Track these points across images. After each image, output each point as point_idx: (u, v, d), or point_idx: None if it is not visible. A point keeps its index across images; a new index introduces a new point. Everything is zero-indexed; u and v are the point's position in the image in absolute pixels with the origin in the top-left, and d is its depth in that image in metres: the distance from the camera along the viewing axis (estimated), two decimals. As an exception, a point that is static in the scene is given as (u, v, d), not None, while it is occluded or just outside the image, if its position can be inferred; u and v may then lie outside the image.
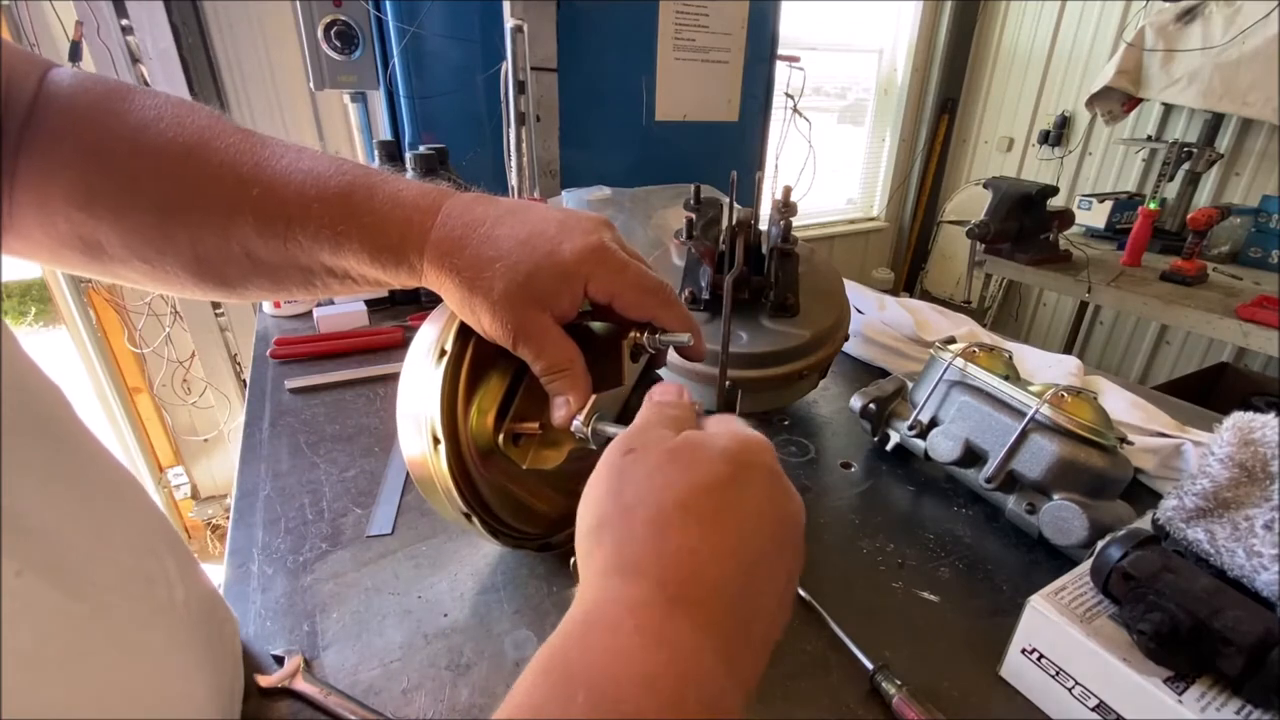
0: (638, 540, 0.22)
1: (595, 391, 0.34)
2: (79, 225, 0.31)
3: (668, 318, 0.36)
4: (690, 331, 0.36)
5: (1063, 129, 2.63)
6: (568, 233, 0.33)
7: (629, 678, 0.18)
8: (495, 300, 0.32)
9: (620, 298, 0.34)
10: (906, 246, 3.28)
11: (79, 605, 0.23)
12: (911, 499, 0.58)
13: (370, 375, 0.75)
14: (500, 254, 0.32)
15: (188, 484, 1.97)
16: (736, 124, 1.55)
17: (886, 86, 3.02)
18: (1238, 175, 2.21)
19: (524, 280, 0.32)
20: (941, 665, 0.41)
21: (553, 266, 0.32)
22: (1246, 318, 1.51)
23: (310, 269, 0.34)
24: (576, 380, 0.34)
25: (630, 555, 0.22)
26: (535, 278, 0.32)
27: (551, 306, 0.33)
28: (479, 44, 1.20)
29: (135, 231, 0.32)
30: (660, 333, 0.36)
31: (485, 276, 0.32)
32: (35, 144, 0.30)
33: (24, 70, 0.30)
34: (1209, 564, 0.35)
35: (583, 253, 0.32)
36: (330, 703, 0.37)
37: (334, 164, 0.33)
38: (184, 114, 0.32)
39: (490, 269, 0.32)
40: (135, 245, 0.32)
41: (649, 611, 0.20)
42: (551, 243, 0.32)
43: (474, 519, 0.38)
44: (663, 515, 0.22)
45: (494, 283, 0.32)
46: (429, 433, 0.36)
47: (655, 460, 0.25)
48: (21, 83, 0.30)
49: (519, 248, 0.32)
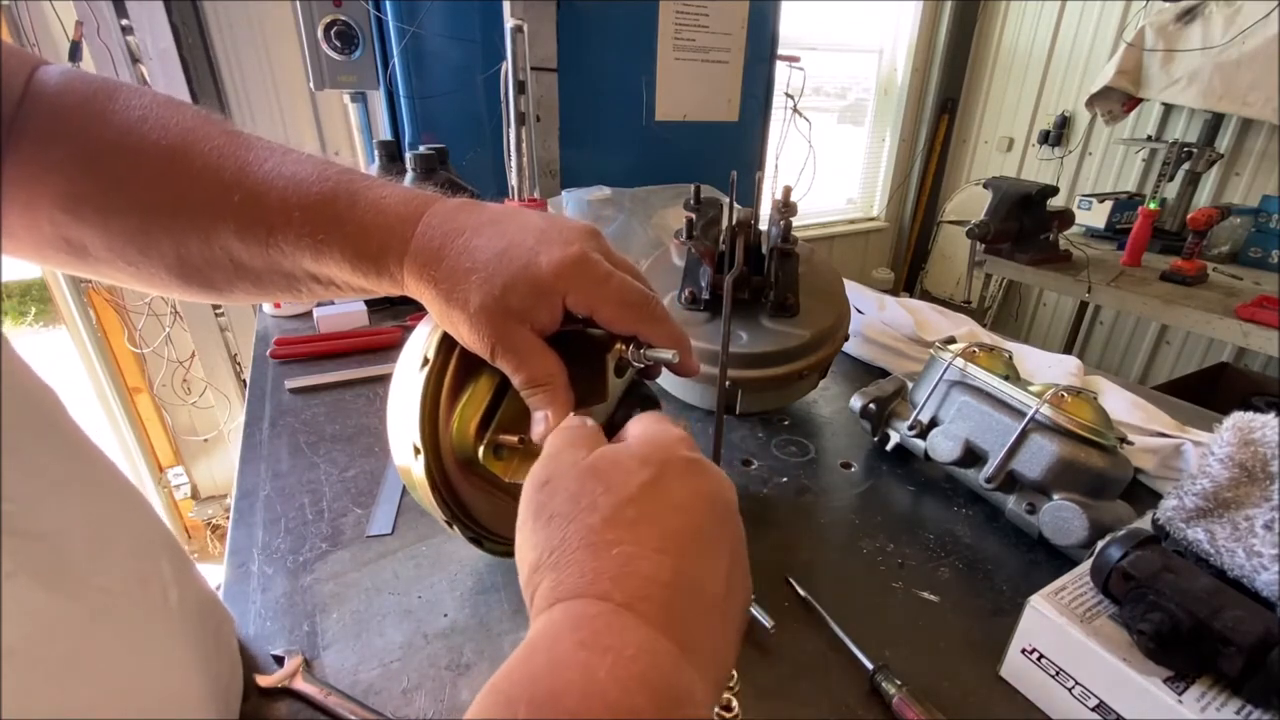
0: (575, 567, 0.22)
1: (578, 406, 0.33)
2: (63, 228, 0.31)
3: (652, 333, 0.34)
4: (677, 347, 0.35)
5: (1063, 129, 2.63)
6: (546, 244, 0.32)
7: (571, 686, 0.18)
8: (472, 314, 0.31)
9: (600, 312, 0.32)
10: (906, 246, 3.28)
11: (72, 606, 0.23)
12: (911, 499, 0.58)
13: (370, 375, 0.75)
14: (476, 266, 0.31)
15: (188, 484, 1.97)
16: (736, 124, 1.55)
17: (886, 86, 3.02)
18: (1238, 175, 2.21)
19: (500, 294, 0.31)
20: (941, 665, 0.41)
21: (529, 280, 0.31)
22: (1246, 318, 1.51)
23: (294, 275, 0.34)
24: (556, 395, 0.33)
25: (570, 584, 0.22)
26: (511, 291, 0.31)
27: (530, 320, 0.32)
28: (479, 44, 1.20)
29: (119, 235, 0.32)
30: (646, 347, 0.35)
31: (461, 289, 0.31)
32: (21, 146, 0.30)
33: (12, 68, 0.30)
34: (1209, 564, 0.35)
35: (560, 265, 0.31)
36: (330, 703, 0.37)
37: (319, 169, 0.32)
38: (169, 116, 0.32)
39: (466, 281, 0.31)
40: (119, 248, 0.32)
41: (591, 623, 0.20)
42: (529, 254, 0.31)
43: (455, 527, 0.38)
44: (595, 537, 0.23)
45: (470, 295, 0.31)
46: (410, 442, 0.35)
47: (574, 485, 0.25)
48: (10, 80, 0.30)
49: (495, 260, 0.31)
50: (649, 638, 0.20)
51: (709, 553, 0.24)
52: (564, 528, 0.23)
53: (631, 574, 0.21)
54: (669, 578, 0.22)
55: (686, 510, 0.24)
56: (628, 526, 0.23)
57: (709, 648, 0.22)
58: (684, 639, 0.21)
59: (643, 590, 0.21)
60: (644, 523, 0.23)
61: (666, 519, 0.24)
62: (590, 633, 0.20)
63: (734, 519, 0.26)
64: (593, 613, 0.20)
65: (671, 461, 0.26)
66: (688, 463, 0.26)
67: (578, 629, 0.20)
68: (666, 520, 0.23)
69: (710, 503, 0.25)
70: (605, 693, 0.18)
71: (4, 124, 0.30)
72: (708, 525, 0.24)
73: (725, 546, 0.25)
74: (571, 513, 0.24)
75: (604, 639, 0.19)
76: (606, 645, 0.19)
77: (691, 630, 0.21)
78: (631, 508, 0.23)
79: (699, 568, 0.23)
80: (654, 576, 0.22)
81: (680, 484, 0.25)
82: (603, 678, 0.18)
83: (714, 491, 0.26)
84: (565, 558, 0.22)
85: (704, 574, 0.23)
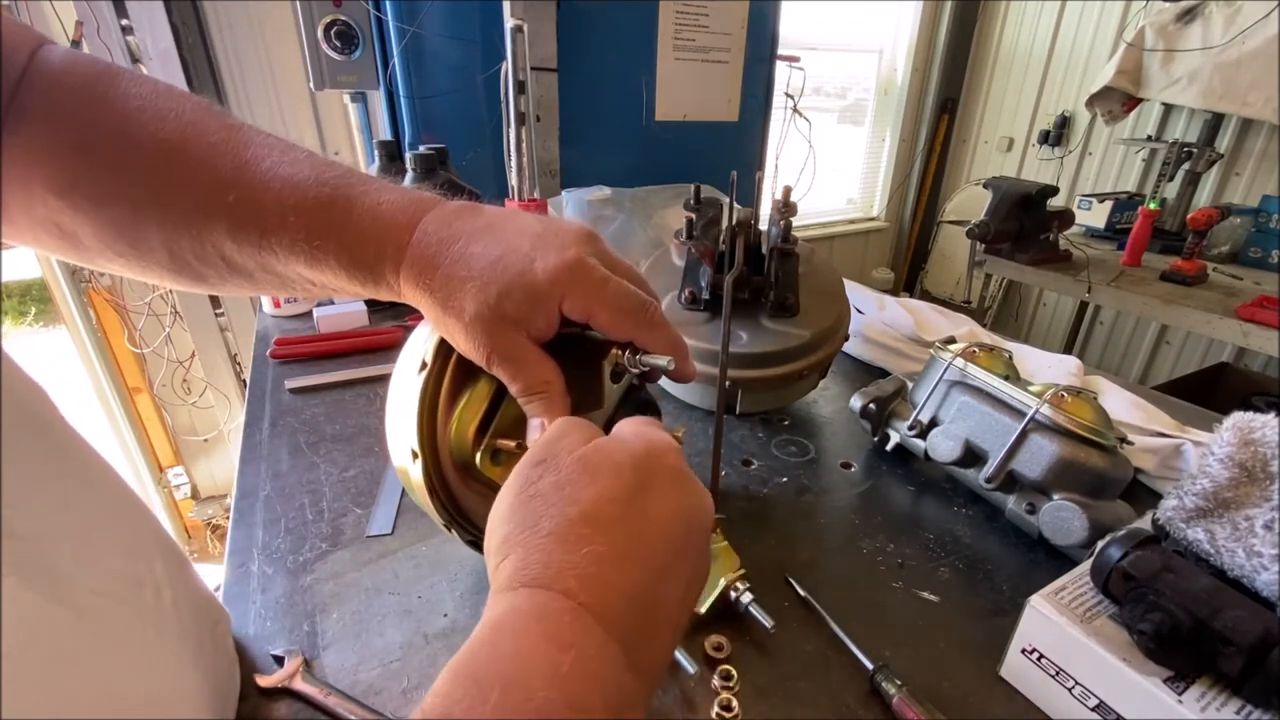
0: (543, 553, 0.22)
1: (575, 412, 0.33)
2: (56, 213, 0.31)
3: (649, 339, 0.34)
4: (674, 354, 0.34)
5: (1063, 129, 2.63)
6: (543, 249, 0.31)
7: (538, 678, 0.19)
8: (468, 322, 0.31)
9: (597, 318, 0.32)
10: (906, 246, 3.28)
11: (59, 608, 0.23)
12: (911, 499, 0.58)
13: (370, 375, 0.75)
14: (472, 274, 0.31)
15: (188, 484, 1.97)
16: (736, 124, 1.55)
17: (886, 86, 3.02)
18: (1238, 175, 2.21)
19: (495, 302, 0.30)
20: (941, 665, 0.41)
21: (524, 286, 0.31)
22: (1246, 318, 1.51)
23: (287, 278, 0.33)
24: (553, 402, 0.32)
25: (536, 570, 0.22)
26: (507, 298, 0.30)
27: (526, 326, 0.31)
28: (479, 44, 1.20)
29: (110, 225, 0.31)
30: (642, 353, 0.34)
31: (457, 297, 0.31)
32: (20, 125, 0.29)
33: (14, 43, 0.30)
34: (1209, 564, 0.35)
35: (556, 271, 0.31)
36: (330, 703, 0.37)
37: (316, 170, 0.32)
38: (168, 106, 0.31)
39: (462, 289, 0.31)
40: (109, 239, 0.32)
41: (556, 618, 0.21)
42: (524, 261, 0.31)
43: (454, 530, 0.38)
44: (569, 529, 0.23)
45: (465, 304, 0.31)
46: (408, 446, 0.35)
47: (566, 471, 0.25)
48: (11, 56, 0.29)
49: (490, 267, 0.31)
50: (605, 641, 0.21)
51: (671, 571, 0.24)
52: (542, 510, 0.24)
53: (595, 577, 0.22)
54: (630, 589, 0.22)
55: (663, 523, 0.25)
56: (602, 526, 0.23)
57: (649, 661, 0.23)
58: (631, 649, 0.21)
59: (603, 595, 0.22)
60: (618, 526, 0.23)
61: (641, 527, 0.24)
62: (555, 626, 0.20)
63: (704, 540, 0.27)
64: (556, 607, 0.21)
65: (662, 471, 0.26)
66: (676, 474, 0.27)
67: (543, 620, 0.21)
68: (641, 529, 0.24)
69: (686, 520, 0.26)
70: (568, 686, 0.19)
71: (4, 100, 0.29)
72: (678, 542, 0.25)
73: (688, 567, 0.25)
74: (553, 498, 0.24)
75: (566, 635, 0.20)
76: (569, 641, 0.20)
77: (639, 642, 0.22)
78: (611, 508, 0.24)
79: (658, 584, 0.23)
80: (616, 584, 0.22)
81: (663, 495, 0.25)
82: (566, 672, 0.19)
83: (692, 509, 0.26)
84: (536, 541, 0.23)
85: (662, 591, 0.24)
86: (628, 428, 0.29)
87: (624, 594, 0.22)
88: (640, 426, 0.29)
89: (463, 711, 0.18)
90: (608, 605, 0.22)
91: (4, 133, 0.29)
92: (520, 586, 0.22)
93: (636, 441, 0.27)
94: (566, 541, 0.23)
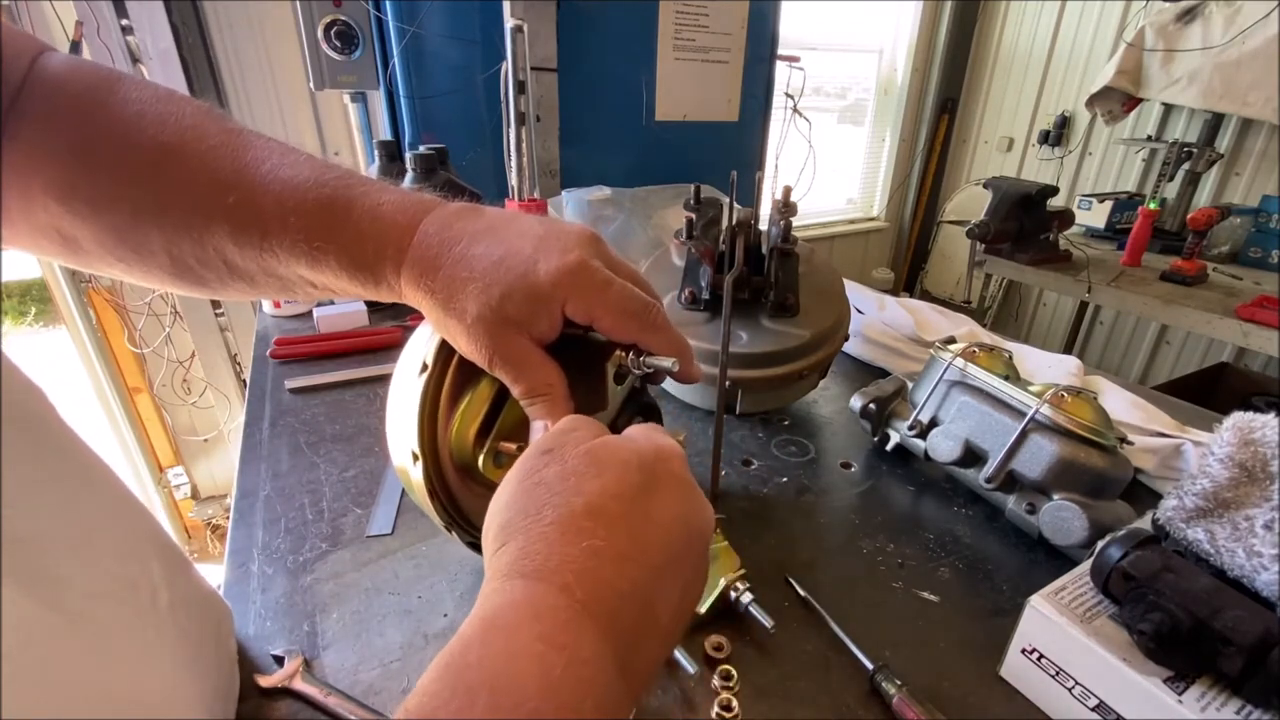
0: (544, 543, 0.22)
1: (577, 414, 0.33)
2: (57, 218, 0.31)
3: (652, 341, 0.34)
4: (678, 356, 0.34)
5: (1063, 129, 2.63)
6: (545, 251, 0.31)
7: (529, 680, 0.18)
8: (469, 324, 0.31)
9: (600, 320, 0.32)
10: (906, 246, 3.28)
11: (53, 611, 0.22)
12: (911, 499, 0.58)
13: (370, 375, 0.75)
14: (474, 275, 0.31)
15: (188, 484, 1.97)
16: (736, 124, 1.55)
17: (886, 86, 3.02)
18: (1238, 175, 2.21)
19: (497, 304, 0.30)
20: (941, 665, 0.41)
21: (526, 289, 0.30)
22: (1246, 318, 1.51)
23: (288, 280, 0.33)
24: (555, 404, 0.32)
25: (535, 560, 0.22)
26: (509, 300, 0.30)
27: (529, 329, 0.31)
28: (479, 44, 1.20)
29: (110, 231, 0.31)
30: (646, 355, 0.34)
31: (459, 299, 0.31)
32: (21, 130, 0.29)
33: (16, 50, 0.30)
34: (1209, 564, 0.35)
35: (559, 273, 0.31)
36: (330, 703, 0.37)
37: (317, 172, 0.32)
38: (168, 111, 0.31)
39: (464, 291, 0.31)
40: (110, 245, 0.32)
41: (552, 616, 0.20)
42: (526, 263, 0.31)
43: (454, 532, 0.38)
44: (571, 520, 0.23)
45: (467, 306, 0.31)
46: (408, 448, 0.35)
47: (572, 462, 0.25)
48: (13, 63, 0.29)
49: (493, 269, 0.31)
50: (599, 643, 0.20)
51: (669, 575, 0.24)
52: (545, 498, 0.24)
53: (592, 573, 0.22)
54: (626, 589, 0.22)
55: (664, 527, 0.24)
56: (605, 522, 0.23)
57: (638, 666, 0.22)
58: (622, 653, 0.21)
59: (599, 593, 0.21)
60: (620, 524, 0.23)
61: (642, 528, 0.24)
62: (550, 626, 0.20)
63: (703, 550, 0.27)
64: (553, 604, 0.21)
65: (668, 475, 0.26)
66: (680, 481, 0.26)
67: (538, 619, 0.20)
68: (642, 530, 0.24)
69: (686, 527, 0.25)
70: (559, 691, 0.18)
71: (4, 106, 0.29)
72: (677, 548, 0.25)
73: (685, 574, 0.25)
74: (557, 487, 0.24)
75: (561, 636, 0.20)
76: (563, 643, 0.20)
77: (631, 645, 0.22)
78: (615, 504, 0.24)
79: (655, 588, 0.23)
80: (612, 583, 0.22)
81: (666, 499, 0.25)
82: (558, 676, 0.19)
83: (694, 517, 0.26)
84: (538, 529, 0.23)
85: (657, 595, 0.23)
86: (637, 431, 0.29)
87: (620, 593, 0.22)
88: (649, 431, 0.29)
89: (449, 714, 0.17)
90: (603, 603, 0.21)
91: (4, 138, 0.29)
92: (518, 577, 0.22)
93: (645, 443, 0.27)
94: (568, 532, 0.22)
